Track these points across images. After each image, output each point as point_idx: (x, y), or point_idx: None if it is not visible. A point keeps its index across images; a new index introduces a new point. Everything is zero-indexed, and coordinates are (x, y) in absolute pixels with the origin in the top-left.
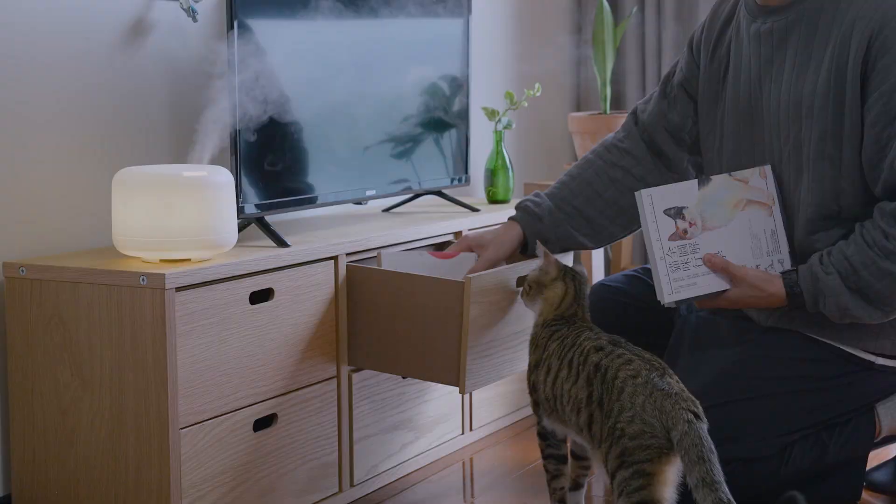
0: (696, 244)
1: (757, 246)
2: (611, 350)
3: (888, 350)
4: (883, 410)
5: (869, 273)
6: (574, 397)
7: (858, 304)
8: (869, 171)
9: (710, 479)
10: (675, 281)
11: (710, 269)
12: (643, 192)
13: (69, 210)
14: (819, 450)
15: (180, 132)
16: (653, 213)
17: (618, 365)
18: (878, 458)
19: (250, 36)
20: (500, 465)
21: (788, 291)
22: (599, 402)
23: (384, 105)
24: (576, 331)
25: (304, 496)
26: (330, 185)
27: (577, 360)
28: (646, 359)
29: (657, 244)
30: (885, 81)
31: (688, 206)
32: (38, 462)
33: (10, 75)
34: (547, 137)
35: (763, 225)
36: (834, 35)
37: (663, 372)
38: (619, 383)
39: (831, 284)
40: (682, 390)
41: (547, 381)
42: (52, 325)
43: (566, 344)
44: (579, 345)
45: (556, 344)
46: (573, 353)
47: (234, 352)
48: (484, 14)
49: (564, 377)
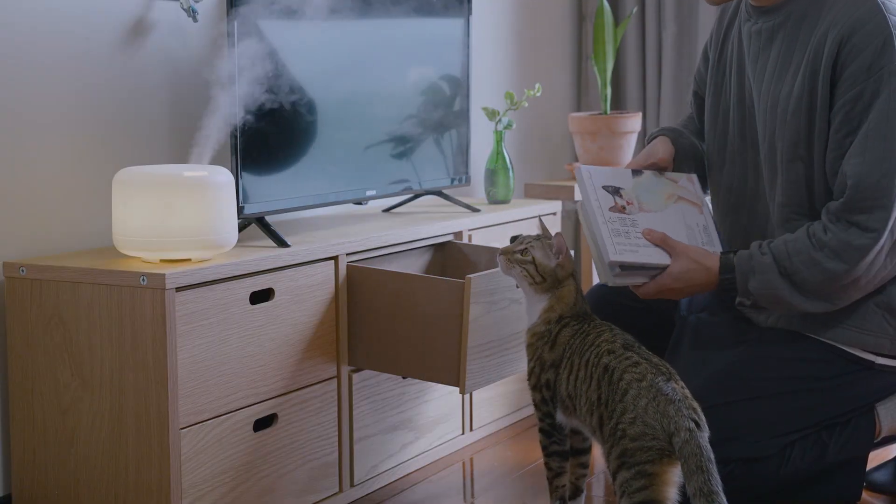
0: (634, 219)
1: (692, 235)
2: (621, 353)
3: (887, 349)
4: (883, 410)
5: (800, 260)
6: (588, 399)
7: (785, 287)
8: (831, 176)
9: (707, 490)
10: (618, 245)
11: (650, 241)
12: (582, 167)
13: (69, 210)
14: (819, 450)
15: (180, 132)
16: (592, 186)
17: (624, 367)
18: (878, 458)
19: (250, 36)
20: (501, 465)
21: (723, 265)
22: (606, 404)
23: (384, 105)
24: (596, 329)
25: (304, 496)
26: (330, 185)
27: (592, 362)
28: (654, 363)
29: (598, 212)
30: (851, 89)
31: (624, 188)
32: (38, 462)
33: (9, 75)
34: (547, 137)
35: (695, 220)
36: (812, 40)
37: (669, 377)
38: (624, 385)
39: (764, 262)
40: (686, 396)
41: (570, 380)
42: (52, 325)
43: (587, 343)
44: (597, 346)
45: (578, 341)
46: (590, 354)
47: (234, 352)
48: (484, 14)
49: (582, 377)
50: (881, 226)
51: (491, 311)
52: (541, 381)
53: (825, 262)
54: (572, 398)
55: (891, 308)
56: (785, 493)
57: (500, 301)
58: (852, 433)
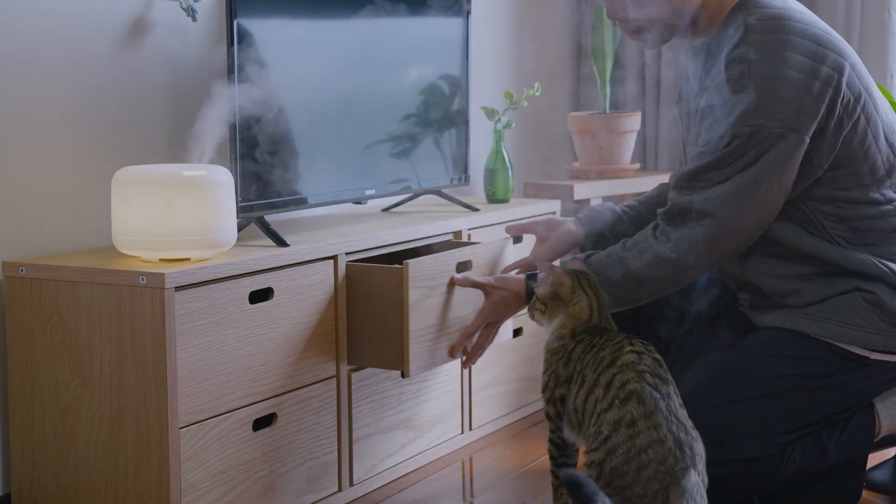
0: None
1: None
2: (650, 395)
3: (881, 345)
4: (882, 409)
5: (637, 250)
6: (603, 421)
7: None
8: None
9: None
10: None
11: (461, 287)
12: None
13: (69, 209)
14: (819, 450)
15: (180, 131)
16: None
17: (649, 436)
18: (878, 458)
19: (250, 35)
20: (500, 464)
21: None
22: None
23: (384, 104)
24: (615, 344)
25: (304, 495)
26: (329, 185)
27: (616, 386)
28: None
29: None
30: (704, 119)
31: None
32: (38, 461)
33: (9, 75)
34: (547, 137)
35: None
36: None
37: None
38: (644, 459)
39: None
40: (700, 483)
41: (580, 395)
42: (52, 325)
43: (604, 359)
44: (621, 368)
45: (590, 356)
46: (612, 376)
47: (233, 351)
48: (484, 14)
49: (599, 397)
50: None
51: (431, 295)
52: (555, 395)
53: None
54: (578, 412)
55: (880, 304)
56: (785, 493)
57: (440, 286)
58: (852, 433)
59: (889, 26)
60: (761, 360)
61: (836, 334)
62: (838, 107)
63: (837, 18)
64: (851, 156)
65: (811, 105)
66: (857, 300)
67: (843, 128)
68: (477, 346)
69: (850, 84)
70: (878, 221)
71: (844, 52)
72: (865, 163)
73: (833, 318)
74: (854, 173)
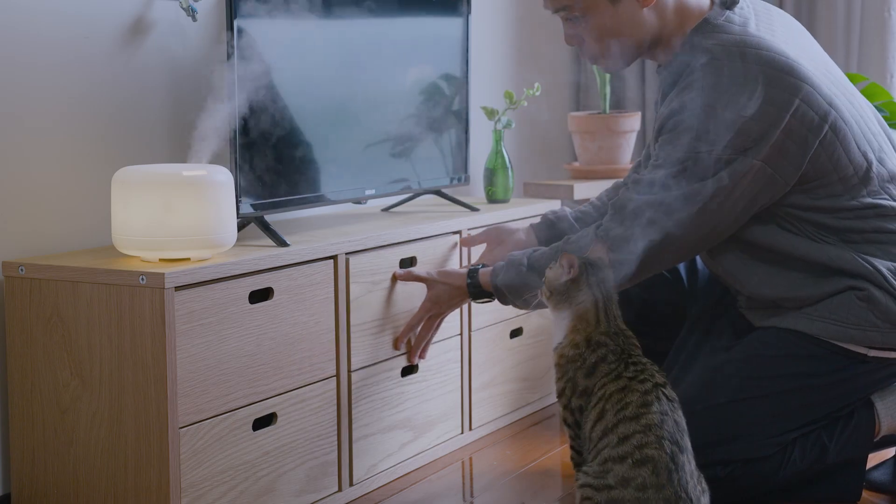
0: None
1: None
2: (666, 467)
3: (878, 342)
4: (882, 408)
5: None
6: (610, 470)
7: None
8: None
9: None
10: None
11: (402, 280)
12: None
13: (69, 209)
14: (819, 450)
15: (180, 131)
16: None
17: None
18: (878, 458)
19: (249, 35)
20: (500, 464)
21: (469, 273)
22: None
23: (383, 104)
24: (642, 394)
25: (304, 495)
26: (329, 185)
27: (633, 444)
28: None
29: None
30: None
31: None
32: (38, 461)
33: (9, 75)
34: (547, 137)
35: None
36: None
37: None
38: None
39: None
40: None
41: (596, 428)
42: (52, 325)
43: (629, 405)
44: (643, 428)
45: (615, 390)
46: (632, 432)
47: (233, 351)
48: (484, 14)
49: (612, 443)
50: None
51: (373, 290)
52: (571, 403)
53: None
54: (590, 440)
55: (873, 301)
56: (785, 493)
57: (383, 281)
58: (852, 433)
59: (889, 26)
60: (760, 361)
61: (835, 333)
62: (798, 129)
63: (837, 18)
64: (820, 171)
65: (765, 129)
66: (851, 299)
67: (809, 147)
68: (419, 338)
69: (811, 104)
70: (858, 223)
71: (803, 74)
72: (835, 174)
73: (830, 318)
74: (824, 185)
